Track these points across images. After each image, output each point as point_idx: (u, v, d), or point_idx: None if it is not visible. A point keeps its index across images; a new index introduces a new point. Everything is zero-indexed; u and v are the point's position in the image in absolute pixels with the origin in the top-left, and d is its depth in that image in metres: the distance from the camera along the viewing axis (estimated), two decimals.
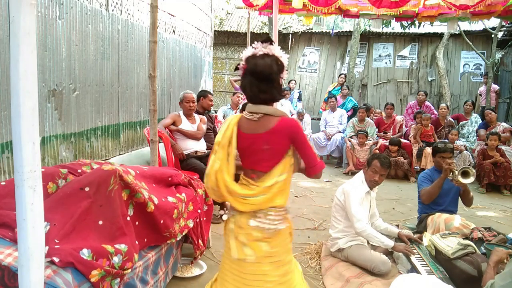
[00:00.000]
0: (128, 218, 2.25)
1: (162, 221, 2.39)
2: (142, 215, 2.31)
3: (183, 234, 2.65)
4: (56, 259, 1.78)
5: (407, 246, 2.99)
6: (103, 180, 2.17)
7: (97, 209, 2.10)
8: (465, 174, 3.31)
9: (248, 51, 1.74)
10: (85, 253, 1.87)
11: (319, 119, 8.24)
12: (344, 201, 3.05)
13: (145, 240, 2.33)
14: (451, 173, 3.30)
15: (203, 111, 4.83)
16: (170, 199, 2.61)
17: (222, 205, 4.08)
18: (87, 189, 2.12)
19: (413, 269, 2.79)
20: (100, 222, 2.08)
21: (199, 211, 2.89)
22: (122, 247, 2.06)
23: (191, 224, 2.74)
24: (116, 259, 1.98)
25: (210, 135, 4.86)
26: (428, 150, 6.07)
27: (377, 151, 6.44)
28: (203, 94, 4.89)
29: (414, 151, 6.57)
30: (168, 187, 2.78)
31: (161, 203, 2.46)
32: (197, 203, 2.92)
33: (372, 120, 7.38)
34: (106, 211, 2.12)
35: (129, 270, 2.07)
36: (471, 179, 3.32)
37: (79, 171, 2.57)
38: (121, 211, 2.18)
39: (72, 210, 2.04)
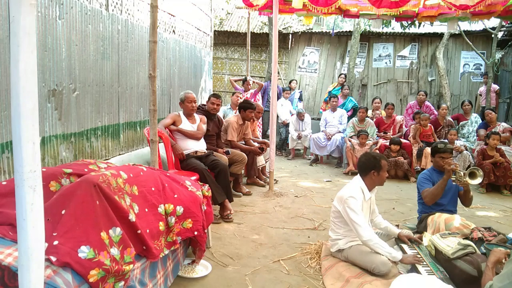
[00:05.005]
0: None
1: (139, 232, 2.28)
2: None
3: (171, 249, 2.56)
4: (53, 258, 1.78)
5: (416, 256, 2.86)
6: (93, 177, 2.19)
7: (94, 191, 2.09)
8: (472, 175, 3.32)
9: None
10: (85, 250, 1.86)
11: (319, 119, 8.24)
12: (343, 211, 2.98)
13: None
14: (453, 174, 3.31)
15: (205, 114, 4.82)
16: (160, 209, 2.55)
17: (222, 205, 4.08)
18: (78, 180, 2.15)
19: (413, 269, 2.79)
20: (97, 202, 2.08)
21: (195, 232, 2.71)
22: (117, 232, 2.06)
23: (179, 240, 2.64)
24: (113, 251, 1.98)
25: (211, 135, 4.87)
26: (428, 150, 6.07)
27: (377, 151, 6.44)
28: (208, 98, 4.92)
29: (414, 151, 6.58)
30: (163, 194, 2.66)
31: (142, 213, 2.38)
32: (199, 222, 2.72)
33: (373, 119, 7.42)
34: (102, 192, 2.12)
35: (131, 266, 2.06)
36: (478, 180, 3.34)
37: (85, 170, 2.57)
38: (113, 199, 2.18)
39: (68, 201, 2.04)
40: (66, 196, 2.05)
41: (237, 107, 5.52)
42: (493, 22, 10.07)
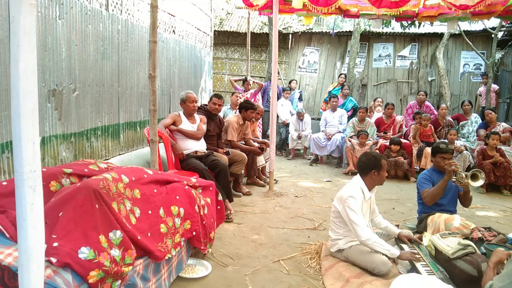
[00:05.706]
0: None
1: (139, 237, 2.27)
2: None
3: (177, 250, 2.58)
4: (53, 259, 1.78)
5: (413, 253, 2.88)
6: (94, 182, 2.19)
7: (94, 195, 2.09)
8: (474, 177, 3.32)
9: None
10: (85, 251, 1.86)
11: (319, 119, 8.24)
12: (342, 211, 2.98)
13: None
14: (454, 175, 3.31)
15: (207, 114, 4.82)
16: (162, 211, 2.56)
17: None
18: (78, 184, 2.16)
19: (413, 269, 2.79)
20: (97, 206, 2.08)
21: (194, 233, 2.77)
22: (118, 235, 2.06)
23: (182, 242, 2.68)
24: (114, 252, 1.98)
25: (212, 136, 4.87)
26: (428, 150, 6.07)
27: (377, 151, 6.44)
28: (210, 98, 4.93)
29: (414, 151, 6.58)
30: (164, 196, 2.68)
31: (144, 216, 2.40)
32: (196, 223, 2.79)
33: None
34: (101, 197, 2.12)
35: (130, 268, 2.06)
36: (480, 182, 3.33)
37: (85, 170, 2.57)
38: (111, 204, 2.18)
39: (66, 204, 2.03)
40: (65, 200, 2.06)
41: (238, 107, 5.52)
42: (493, 22, 10.09)
